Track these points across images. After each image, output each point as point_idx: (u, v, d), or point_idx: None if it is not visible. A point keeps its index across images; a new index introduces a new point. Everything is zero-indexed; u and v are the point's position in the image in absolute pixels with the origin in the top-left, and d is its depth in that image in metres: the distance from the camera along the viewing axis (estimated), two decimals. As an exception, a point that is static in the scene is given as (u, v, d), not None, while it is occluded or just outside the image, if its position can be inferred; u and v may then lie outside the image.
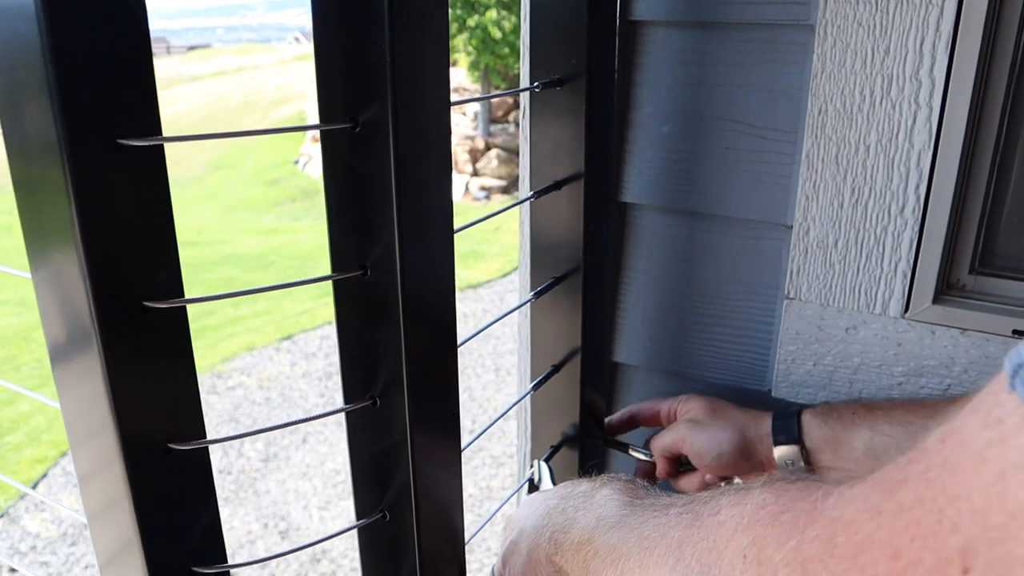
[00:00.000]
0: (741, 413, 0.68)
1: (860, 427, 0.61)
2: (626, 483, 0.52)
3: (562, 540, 0.52)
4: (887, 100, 0.62)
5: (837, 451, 0.63)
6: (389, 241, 0.46)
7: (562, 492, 0.57)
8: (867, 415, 0.62)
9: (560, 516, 0.54)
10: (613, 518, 0.48)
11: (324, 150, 0.46)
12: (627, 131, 0.73)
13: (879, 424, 0.61)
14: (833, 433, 0.63)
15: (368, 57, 0.43)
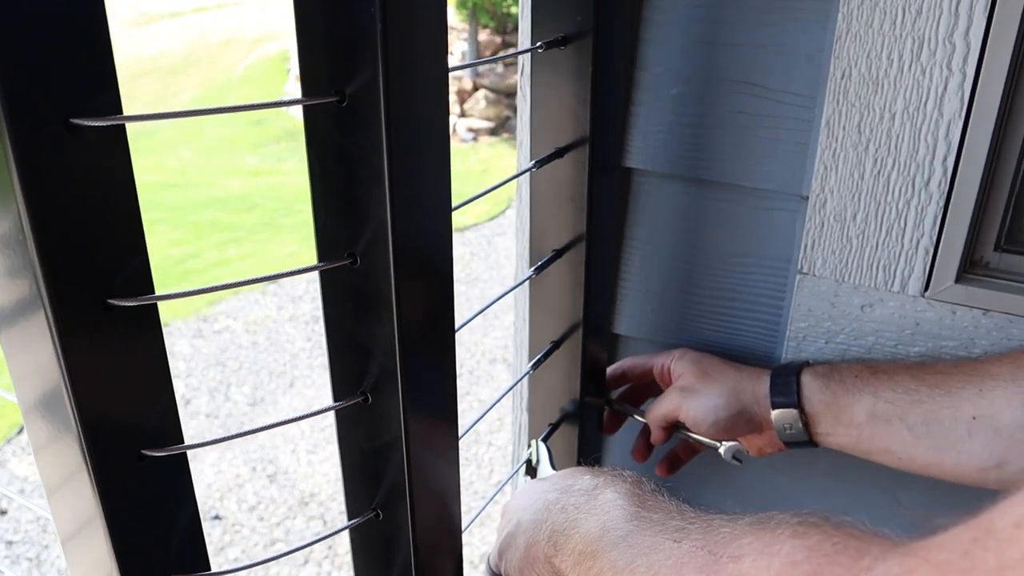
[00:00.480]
0: (735, 373, 0.65)
1: (863, 392, 0.58)
2: (632, 485, 0.49)
3: (562, 544, 0.49)
4: (916, 65, 0.58)
5: (838, 416, 0.59)
6: (381, 227, 0.42)
7: (562, 484, 0.54)
8: (871, 379, 0.58)
9: (560, 515, 0.51)
10: (619, 531, 0.45)
11: (307, 127, 0.41)
12: (634, 92, 0.68)
13: (882, 390, 0.57)
14: (834, 397, 0.59)
15: (355, 21, 0.38)
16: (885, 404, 0.57)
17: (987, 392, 0.53)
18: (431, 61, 0.41)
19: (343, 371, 0.47)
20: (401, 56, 0.39)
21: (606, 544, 0.45)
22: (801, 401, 0.61)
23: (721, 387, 0.65)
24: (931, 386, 0.56)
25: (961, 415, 0.53)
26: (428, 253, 0.44)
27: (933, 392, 0.55)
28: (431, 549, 0.52)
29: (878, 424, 0.57)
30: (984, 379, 0.54)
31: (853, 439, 0.59)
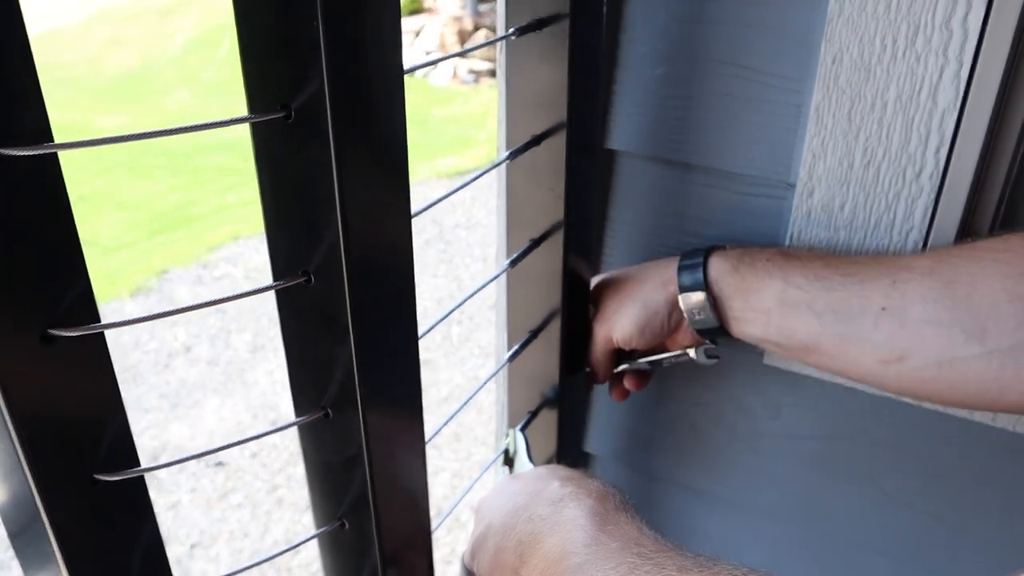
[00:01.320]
0: (642, 275, 0.64)
1: (774, 276, 0.56)
2: (596, 501, 0.48)
3: (527, 556, 0.49)
4: (911, 51, 0.55)
5: (747, 300, 0.57)
6: (333, 246, 0.40)
7: (532, 488, 0.53)
8: (783, 263, 0.56)
9: (527, 524, 0.50)
10: (576, 557, 0.44)
11: (255, 144, 0.39)
12: (616, 71, 0.65)
13: (793, 276, 0.55)
14: (743, 281, 0.57)
15: (298, 34, 0.36)
16: (795, 290, 0.55)
17: (900, 284, 0.51)
18: (382, 70, 0.38)
19: (303, 387, 0.46)
20: (348, 68, 0.36)
21: (563, 570, 0.45)
22: (708, 283, 0.59)
23: (632, 295, 0.63)
24: (844, 275, 0.54)
25: (870, 305, 0.52)
26: (386, 267, 0.43)
27: (845, 281, 0.53)
28: (399, 556, 0.51)
29: (786, 310, 0.55)
30: (899, 271, 0.52)
31: (762, 325, 0.57)
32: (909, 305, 0.51)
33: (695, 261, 0.60)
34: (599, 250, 0.73)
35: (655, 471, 0.81)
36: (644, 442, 0.80)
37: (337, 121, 0.37)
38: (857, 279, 0.53)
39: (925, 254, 0.53)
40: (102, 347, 0.38)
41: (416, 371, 0.48)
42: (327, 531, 0.50)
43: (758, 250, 0.59)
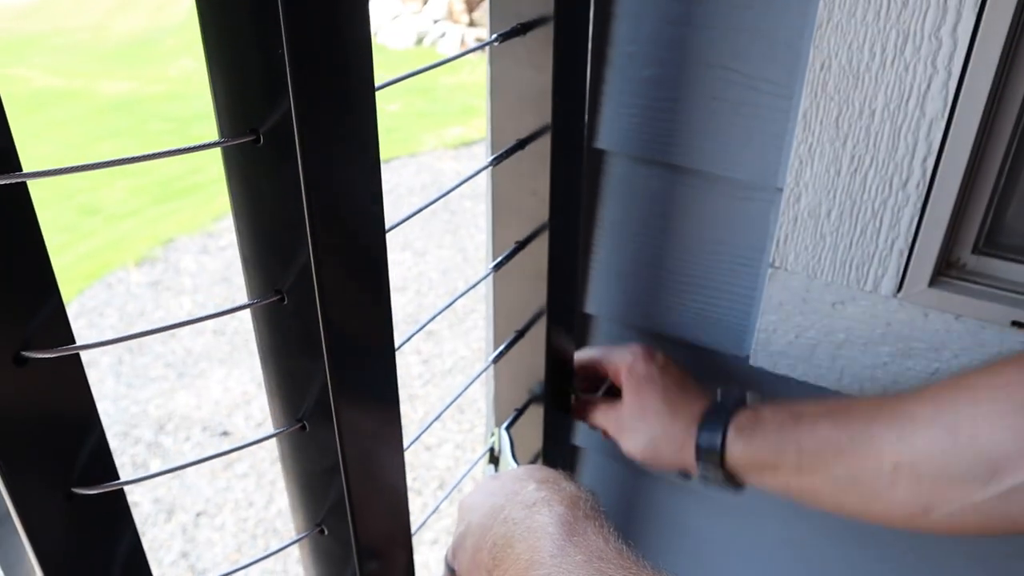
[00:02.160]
0: (670, 420, 0.64)
1: (788, 445, 0.57)
2: (567, 508, 0.48)
3: (499, 559, 0.49)
4: (900, 60, 0.54)
5: (763, 472, 0.59)
6: (305, 268, 0.40)
7: (510, 489, 0.54)
8: (794, 429, 0.57)
9: (502, 526, 0.51)
10: (543, 566, 0.45)
11: (226, 166, 0.39)
12: (604, 71, 0.65)
13: (805, 442, 0.56)
14: (758, 454, 0.59)
15: (264, 57, 0.35)
16: (809, 457, 0.56)
17: (906, 438, 0.51)
18: (352, 91, 0.38)
19: (281, 399, 0.46)
20: (315, 91, 0.36)
21: None
22: (724, 462, 0.60)
23: (652, 431, 0.65)
24: (852, 433, 0.54)
25: (883, 464, 0.52)
26: (360, 286, 0.43)
27: (854, 440, 0.54)
28: (378, 561, 0.52)
29: (803, 477, 0.57)
30: (904, 423, 0.52)
31: (781, 488, 0.59)
32: (919, 461, 0.51)
33: (712, 440, 0.60)
34: (588, 249, 0.73)
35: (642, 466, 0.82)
36: (631, 437, 0.81)
37: (305, 144, 0.37)
38: (865, 436, 0.53)
39: (926, 397, 0.52)
40: (76, 365, 0.39)
41: (393, 383, 0.48)
42: (306, 537, 0.51)
43: (770, 415, 0.59)
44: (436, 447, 3.03)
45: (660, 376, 0.66)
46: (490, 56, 0.58)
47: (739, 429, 0.60)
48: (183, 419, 3.25)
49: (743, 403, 0.62)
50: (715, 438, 0.60)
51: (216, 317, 0.40)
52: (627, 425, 0.66)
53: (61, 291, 0.37)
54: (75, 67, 6.42)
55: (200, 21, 0.36)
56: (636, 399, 0.66)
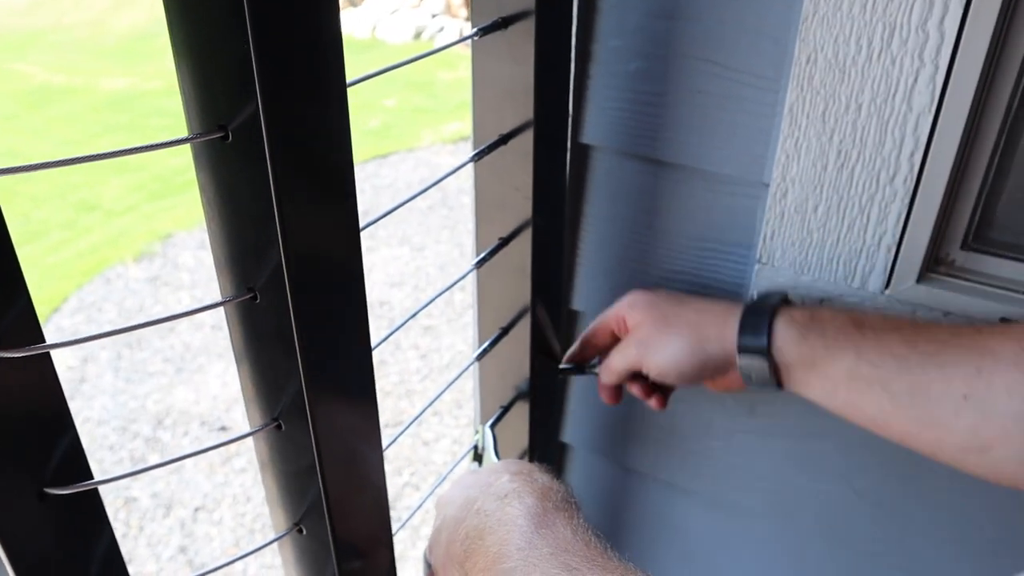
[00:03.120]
0: (696, 317, 0.59)
1: (846, 349, 0.52)
2: (538, 499, 0.48)
3: (471, 551, 0.49)
4: (886, 53, 0.53)
5: (813, 369, 0.54)
6: (277, 265, 0.39)
7: (484, 482, 0.53)
8: (855, 334, 0.52)
9: (475, 518, 0.51)
10: (510, 559, 0.45)
11: (196, 162, 0.39)
12: (588, 65, 0.64)
13: (866, 350, 0.52)
14: (811, 351, 0.53)
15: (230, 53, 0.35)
16: (868, 366, 0.51)
17: (985, 372, 0.48)
18: (322, 87, 0.38)
19: (256, 397, 0.46)
20: (283, 87, 0.35)
21: (496, 574, 0.45)
22: (772, 351, 0.55)
23: (682, 334, 0.58)
24: (923, 354, 0.50)
25: (953, 391, 0.48)
26: (333, 283, 0.42)
27: (924, 361, 0.50)
28: (358, 561, 0.52)
29: (857, 385, 0.52)
30: (984, 356, 0.48)
31: (827, 394, 0.54)
32: (995, 396, 0.47)
33: (759, 320, 0.55)
34: (574, 244, 0.72)
35: (631, 463, 0.81)
36: (621, 434, 0.80)
37: (274, 140, 0.36)
38: (937, 361, 0.50)
39: (1010, 333, 0.49)
40: (47, 364, 0.38)
41: (370, 382, 0.47)
42: (285, 537, 0.50)
43: (829, 316, 0.54)
44: (434, 442, 3.03)
45: (668, 295, 0.62)
46: (472, 51, 0.57)
47: (791, 320, 0.55)
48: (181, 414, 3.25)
49: (787, 301, 0.57)
50: (761, 325, 0.55)
51: (187, 316, 0.40)
52: (651, 341, 0.60)
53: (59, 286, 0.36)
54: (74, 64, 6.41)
55: (167, 15, 0.35)
56: (653, 312, 0.60)
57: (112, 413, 3.15)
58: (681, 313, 0.60)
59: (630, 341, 0.62)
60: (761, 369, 0.55)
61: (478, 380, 0.72)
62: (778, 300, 0.57)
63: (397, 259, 4.02)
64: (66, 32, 7.13)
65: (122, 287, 3.87)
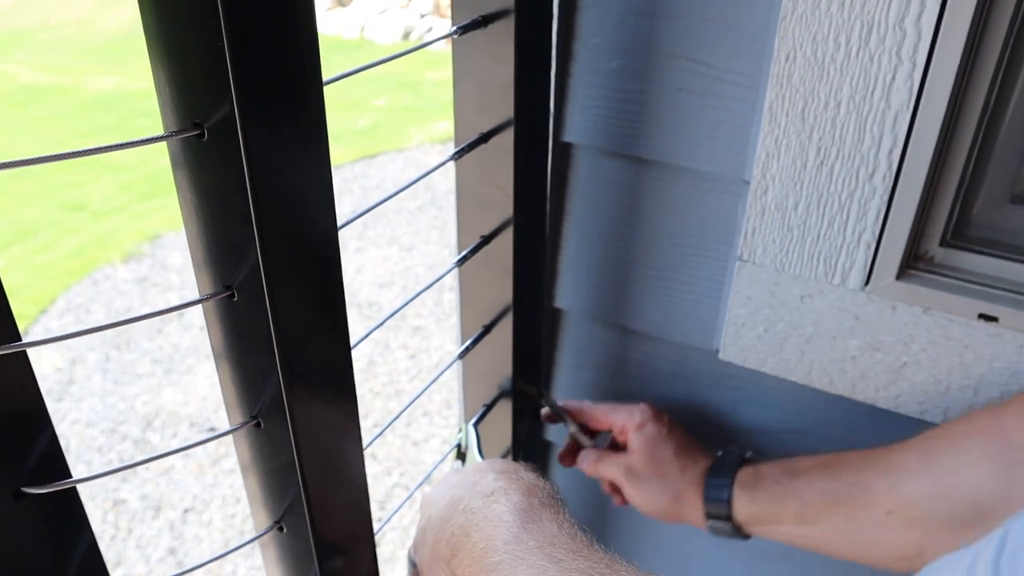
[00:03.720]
0: (679, 475, 0.66)
1: (787, 499, 0.60)
2: (524, 496, 0.49)
3: (457, 549, 0.49)
4: (865, 51, 0.53)
5: (766, 524, 0.62)
6: (253, 264, 0.39)
7: (470, 480, 0.54)
8: (791, 484, 0.60)
9: (461, 516, 0.51)
10: (496, 554, 0.45)
11: (172, 162, 0.38)
12: (569, 64, 0.64)
13: (803, 494, 0.59)
14: (761, 508, 0.61)
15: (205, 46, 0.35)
16: (807, 508, 0.59)
17: (898, 486, 0.54)
18: (298, 84, 0.37)
19: (235, 396, 0.46)
20: (258, 84, 0.35)
21: (481, 568, 0.46)
22: (732, 515, 0.63)
23: (664, 486, 0.67)
24: (847, 485, 0.57)
25: (877, 512, 0.55)
26: (311, 282, 0.42)
27: (849, 491, 0.57)
28: (339, 557, 0.51)
29: (803, 527, 0.59)
30: (893, 472, 0.55)
31: (783, 538, 0.62)
32: (910, 507, 0.54)
33: (720, 489, 0.63)
34: (556, 243, 0.73)
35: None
36: (605, 432, 0.80)
37: (249, 138, 0.36)
38: (860, 488, 0.56)
39: (912, 446, 0.55)
40: (23, 363, 0.38)
41: (349, 380, 0.47)
42: (265, 535, 0.50)
43: (767, 471, 0.62)
44: (423, 442, 3.02)
45: (669, 435, 0.68)
46: (453, 49, 0.57)
47: (742, 485, 0.63)
48: (170, 415, 3.24)
49: (744, 460, 0.65)
50: (722, 493, 0.63)
51: (162, 315, 0.40)
52: (640, 477, 0.67)
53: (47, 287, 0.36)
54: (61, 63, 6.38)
55: (141, 12, 0.35)
56: (649, 455, 0.67)
57: (101, 415, 3.14)
58: (670, 464, 0.67)
59: (622, 464, 0.69)
60: (726, 529, 0.64)
61: (462, 379, 0.72)
62: (736, 461, 0.64)
63: (386, 260, 4.01)
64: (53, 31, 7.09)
65: (110, 288, 3.85)
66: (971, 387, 0.60)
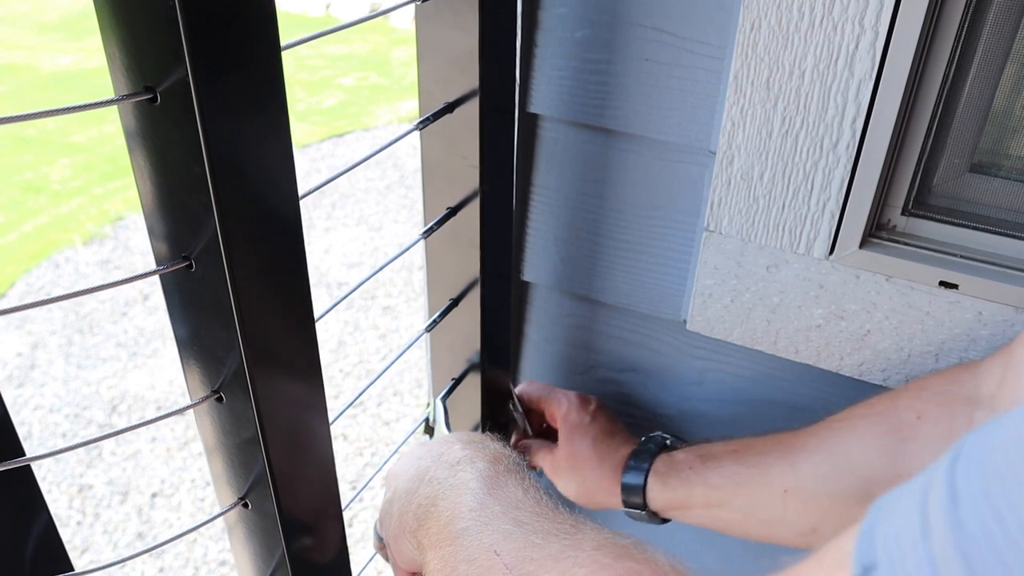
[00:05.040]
0: (596, 466, 0.68)
1: (695, 483, 0.62)
2: (489, 463, 0.49)
3: (423, 518, 0.49)
4: (828, 20, 0.53)
5: (678, 508, 0.64)
6: (211, 233, 0.38)
7: (436, 452, 0.54)
8: (702, 469, 0.62)
9: (427, 487, 0.51)
10: (462, 520, 0.46)
11: (125, 128, 0.37)
12: (535, 34, 0.63)
13: (712, 478, 0.61)
14: (673, 493, 0.64)
15: (157, 6, 0.33)
16: (715, 491, 0.61)
17: (797, 465, 0.57)
18: (254, 45, 0.36)
19: (196, 370, 0.45)
20: (212, 46, 0.34)
21: (447, 536, 0.46)
22: (646, 501, 0.65)
23: (582, 479, 0.69)
24: (751, 467, 0.59)
25: (775, 491, 0.57)
26: (272, 252, 0.41)
27: (752, 472, 0.59)
28: (306, 535, 0.51)
29: (711, 509, 0.62)
30: (795, 453, 0.57)
31: (695, 520, 0.64)
32: (806, 484, 0.56)
33: (636, 480, 0.65)
34: (524, 215, 0.72)
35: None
36: (574, 405, 0.80)
37: (204, 102, 0.35)
38: (762, 468, 0.59)
39: (817, 430, 0.57)
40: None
41: (313, 353, 0.47)
42: (230, 512, 0.50)
43: (682, 457, 0.64)
44: (395, 422, 3.02)
45: (591, 424, 0.70)
46: (416, 18, 0.56)
47: (656, 473, 0.65)
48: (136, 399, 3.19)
49: (664, 447, 0.67)
50: (637, 482, 0.65)
51: (119, 284, 0.39)
52: (561, 470, 0.70)
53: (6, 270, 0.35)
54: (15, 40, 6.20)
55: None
56: (568, 447, 0.70)
57: (64, 400, 3.09)
58: (589, 460, 0.69)
59: (547, 458, 0.72)
60: (641, 515, 0.67)
61: (430, 353, 0.72)
62: (656, 449, 0.66)
63: (355, 240, 3.98)
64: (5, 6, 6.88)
65: (72, 271, 3.78)
66: (932, 353, 0.60)
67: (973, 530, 0.18)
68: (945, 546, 0.18)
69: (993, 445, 0.19)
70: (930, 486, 0.20)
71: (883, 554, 0.20)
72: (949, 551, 0.18)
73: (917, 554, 0.19)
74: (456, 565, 0.44)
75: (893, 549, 0.20)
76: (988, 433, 0.20)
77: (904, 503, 0.21)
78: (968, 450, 0.20)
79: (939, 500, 0.19)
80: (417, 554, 0.50)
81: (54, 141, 4.76)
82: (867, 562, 0.20)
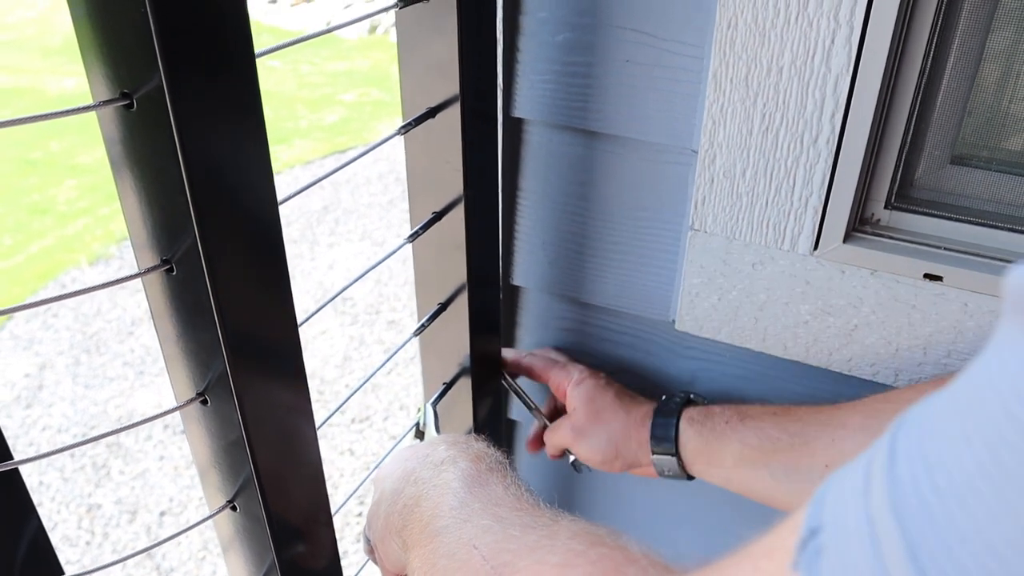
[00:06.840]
0: (624, 417, 0.68)
1: (731, 439, 0.61)
2: (471, 462, 0.50)
3: (408, 519, 0.50)
4: (803, 16, 0.54)
5: (710, 460, 0.63)
6: (190, 237, 0.39)
7: (422, 453, 0.54)
8: (739, 425, 0.61)
9: (412, 488, 0.51)
10: (443, 518, 0.46)
11: (103, 131, 0.38)
12: (517, 39, 0.64)
13: (748, 436, 0.60)
14: (706, 444, 0.63)
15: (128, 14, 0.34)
16: (751, 450, 0.60)
17: (839, 442, 0.56)
18: (229, 51, 0.37)
19: (180, 373, 0.45)
20: (186, 53, 0.35)
21: (429, 533, 0.46)
22: (678, 448, 0.65)
23: (609, 432, 0.68)
24: (791, 434, 0.59)
25: (816, 463, 0.56)
26: (252, 255, 0.42)
27: (793, 440, 0.58)
28: (296, 539, 0.51)
29: (744, 468, 0.60)
30: (836, 429, 0.56)
31: (723, 479, 0.63)
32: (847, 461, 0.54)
33: (667, 425, 0.65)
34: (511, 219, 0.73)
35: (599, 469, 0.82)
36: (568, 408, 0.81)
37: (179, 107, 0.35)
38: (802, 439, 0.58)
39: (858, 407, 0.57)
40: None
41: (297, 357, 0.47)
42: (218, 515, 0.50)
43: (719, 411, 0.64)
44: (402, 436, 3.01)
45: (607, 386, 0.70)
46: (396, 23, 0.57)
47: (690, 420, 0.64)
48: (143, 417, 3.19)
49: (690, 401, 0.66)
50: (669, 426, 0.65)
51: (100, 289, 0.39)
52: (584, 430, 0.69)
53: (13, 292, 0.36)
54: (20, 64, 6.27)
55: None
56: (589, 405, 0.69)
57: (72, 420, 3.10)
58: (613, 411, 0.69)
59: (566, 424, 0.70)
60: (671, 464, 0.65)
61: (420, 359, 0.72)
62: (682, 401, 0.66)
63: (359, 255, 3.99)
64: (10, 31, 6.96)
65: (78, 291, 3.79)
66: (920, 347, 0.61)
67: (905, 485, 0.18)
68: (881, 504, 0.19)
69: (933, 410, 0.20)
70: (876, 452, 0.20)
71: (829, 517, 0.20)
72: (884, 507, 0.18)
73: (857, 514, 0.19)
74: (436, 561, 0.44)
75: (838, 511, 0.20)
76: (930, 400, 0.20)
77: (852, 468, 0.21)
78: (911, 415, 0.20)
79: (880, 461, 0.20)
80: (403, 554, 0.50)
81: (60, 163, 4.80)
82: (814, 525, 0.21)
